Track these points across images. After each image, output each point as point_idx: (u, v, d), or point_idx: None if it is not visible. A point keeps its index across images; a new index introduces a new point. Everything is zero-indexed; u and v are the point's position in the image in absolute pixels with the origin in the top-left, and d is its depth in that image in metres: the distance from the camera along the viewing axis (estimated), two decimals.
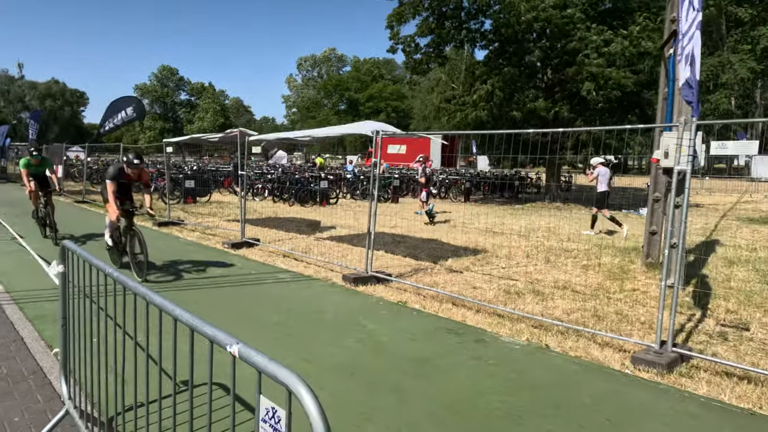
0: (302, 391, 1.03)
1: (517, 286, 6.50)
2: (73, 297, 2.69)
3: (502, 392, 3.51)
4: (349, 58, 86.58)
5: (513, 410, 3.24)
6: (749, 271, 7.71)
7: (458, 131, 20.16)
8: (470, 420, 3.11)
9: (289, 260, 7.94)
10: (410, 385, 3.59)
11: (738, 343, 4.56)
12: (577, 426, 3.06)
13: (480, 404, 3.32)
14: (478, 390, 3.55)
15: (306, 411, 1.03)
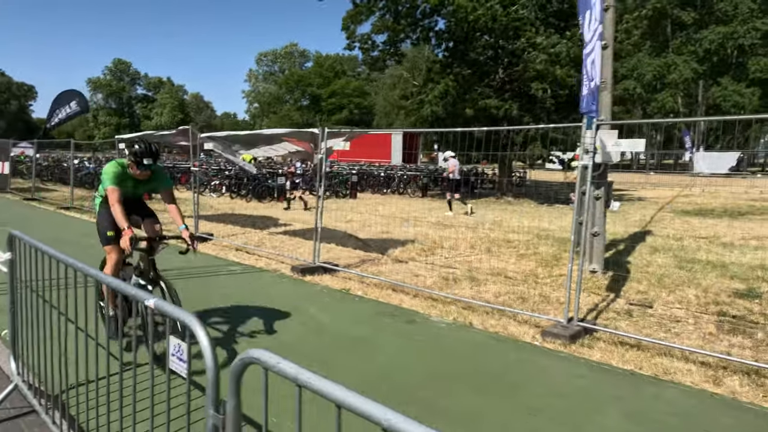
0: (197, 328, 1.39)
1: (456, 273, 6.98)
2: (22, 282, 2.93)
3: (425, 363, 3.94)
4: (312, 54, 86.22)
5: (433, 378, 3.66)
6: (668, 257, 8.45)
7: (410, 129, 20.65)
8: (394, 386, 3.51)
9: (241, 254, 8.19)
10: (342, 359, 3.97)
11: (640, 319, 5.15)
12: (486, 389, 3.50)
13: (404, 373, 3.73)
14: (404, 362, 3.96)
15: (199, 341, 1.38)
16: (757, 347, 4.37)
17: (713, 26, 40.92)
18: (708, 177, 31.61)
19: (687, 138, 38.60)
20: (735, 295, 6.01)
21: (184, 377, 1.49)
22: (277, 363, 1.13)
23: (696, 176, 31.35)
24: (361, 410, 0.96)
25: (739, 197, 22.28)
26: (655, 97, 40.98)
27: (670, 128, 44.19)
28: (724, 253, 8.97)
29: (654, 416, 3.16)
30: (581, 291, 5.97)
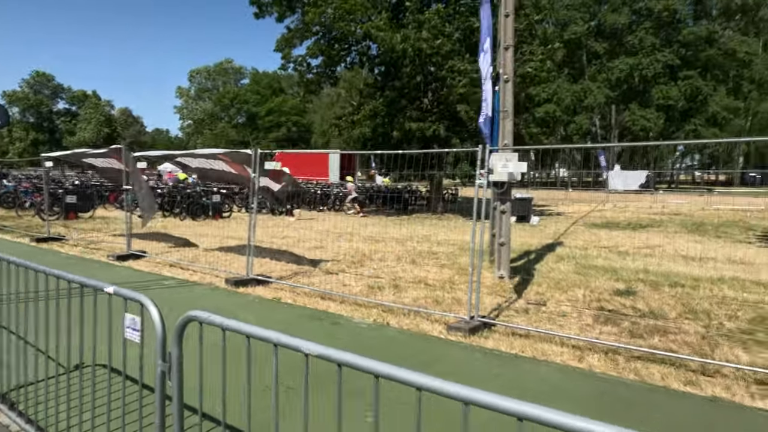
0: (149, 304, 1.90)
1: (381, 282, 7.62)
2: None
3: None
4: (248, 71, 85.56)
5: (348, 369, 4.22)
6: (570, 264, 9.54)
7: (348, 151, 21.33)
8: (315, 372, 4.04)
9: (175, 269, 8.43)
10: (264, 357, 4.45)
11: (534, 315, 5.99)
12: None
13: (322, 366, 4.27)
14: None
15: (151, 316, 1.89)
16: (621, 333, 5.29)
17: (623, 57, 45.05)
18: (621, 193, 34.61)
19: (602, 158, 41.96)
20: (615, 294, 7.04)
21: (137, 341, 1.98)
22: (209, 316, 1.68)
23: (610, 193, 34.19)
24: (286, 342, 1.53)
25: (643, 211, 24.66)
26: (573, 119, 44.35)
27: (590, 149, 47.84)
28: (618, 260, 10.20)
29: (526, 386, 3.90)
30: (491, 294, 6.82)
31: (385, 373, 1.39)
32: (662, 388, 3.93)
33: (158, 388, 1.85)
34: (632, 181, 40.40)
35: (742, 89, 46.79)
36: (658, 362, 4.46)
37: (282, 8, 19.70)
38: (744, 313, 6.11)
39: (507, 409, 1.22)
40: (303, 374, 1.75)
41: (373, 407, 1.56)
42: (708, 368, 4.33)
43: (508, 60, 7.72)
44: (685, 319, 5.86)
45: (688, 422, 3.45)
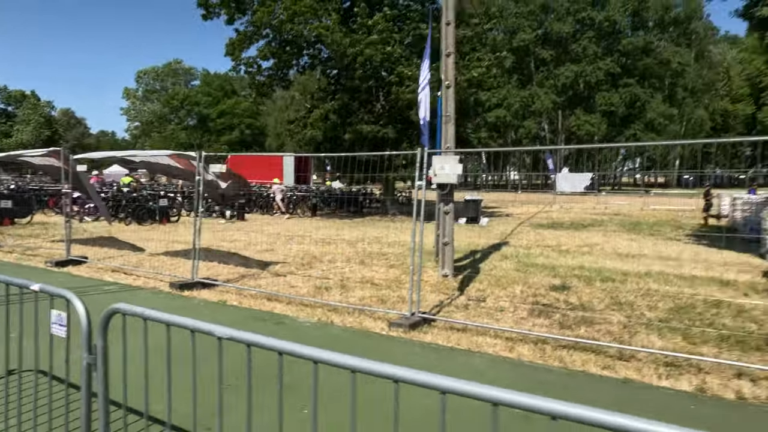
0: (74, 299, 1.97)
1: (329, 283, 7.74)
2: None
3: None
4: (199, 72, 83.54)
5: (293, 362, 4.32)
6: (512, 263, 9.95)
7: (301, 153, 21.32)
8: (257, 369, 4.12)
9: (118, 274, 8.24)
10: (206, 356, 4.49)
11: (473, 310, 6.26)
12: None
13: (261, 364, 4.36)
14: (264, 355, 4.58)
15: (76, 310, 1.96)
16: (551, 325, 5.63)
17: (568, 64, 47.02)
18: (569, 195, 36.05)
19: (549, 161, 43.62)
20: (551, 289, 7.44)
21: (64, 336, 2.04)
22: (132, 308, 1.77)
23: (557, 195, 35.56)
24: (206, 329, 1.64)
25: (587, 212, 25.83)
26: (523, 124, 45.90)
27: (538, 152, 49.59)
28: (558, 258, 10.72)
29: (458, 375, 4.12)
30: (434, 292, 7.06)
31: (288, 350, 1.54)
32: (581, 373, 4.26)
33: (84, 381, 1.92)
34: (578, 184, 42.32)
35: (677, 96, 49.80)
36: (581, 350, 4.79)
37: (231, 10, 19.47)
38: (664, 304, 6.61)
39: (433, 384, 1.40)
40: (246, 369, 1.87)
41: (278, 383, 1.70)
42: (625, 354, 4.70)
43: (449, 66, 8.03)
44: (611, 311, 6.29)
45: (600, 402, 3.76)
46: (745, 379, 4.14)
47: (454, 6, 7.94)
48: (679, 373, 4.22)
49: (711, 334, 5.29)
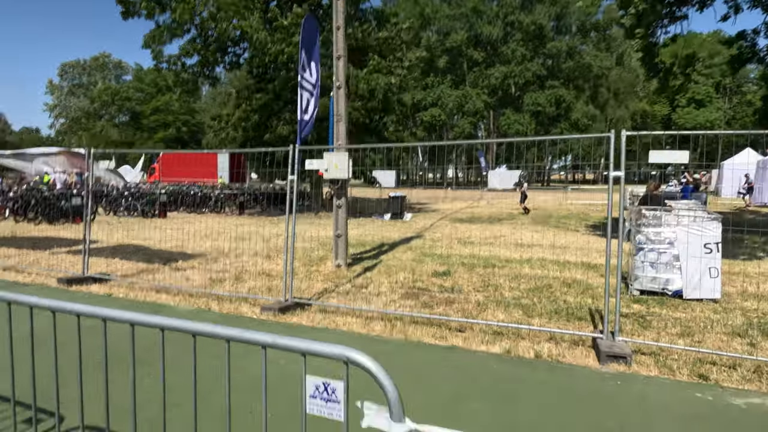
0: None
1: (225, 276, 8.04)
2: None
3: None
4: (131, 66, 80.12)
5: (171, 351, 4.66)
6: (414, 254, 10.59)
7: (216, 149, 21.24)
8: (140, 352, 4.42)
9: (9, 272, 8.17)
10: (90, 344, 4.74)
11: (352, 295, 6.78)
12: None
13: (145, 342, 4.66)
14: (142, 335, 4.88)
15: None
16: (416, 305, 6.23)
17: (498, 65, 48.96)
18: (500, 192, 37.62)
19: (482, 159, 45.38)
20: (433, 275, 8.10)
21: None
22: None
23: (485, 191, 37.11)
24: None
25: (508, 207, 27.22)
26: (457, 123, 47.44)
27: (472, 150, 51.40)
28: (459, 248, 11.48)
29: None
30: (324, 280, 7.53)
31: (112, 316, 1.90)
32: (416, 343, 4.85)
33: None
34: (508, 180, 44.36)
35: (599, 98, 53.03)
36: (428, 325, 5.40)
37: (150, 5, 19.11)
38: (525, 285, 7.40)
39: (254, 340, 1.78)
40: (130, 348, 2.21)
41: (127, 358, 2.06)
42: (464, 326, 5.34)
43: (340, 69, 8.51)
44: (477, 292, 6.99)
45: (411, 363, 4.34)
46: (552, 342, 4.86)
47: (343, 11, 8.42)
48: (500, 340, 4.89)
49: (548, 308, 6.06)
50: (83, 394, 2.18)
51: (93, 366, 2.25)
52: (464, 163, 55.24)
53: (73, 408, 2.17)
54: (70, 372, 2.13)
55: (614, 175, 4.61)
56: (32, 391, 2.26)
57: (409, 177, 48.94)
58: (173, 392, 2.20)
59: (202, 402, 2.04)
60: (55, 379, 2.26)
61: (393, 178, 20.01)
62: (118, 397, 2.42)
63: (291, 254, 6.29)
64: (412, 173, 56.40)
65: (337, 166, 7.90)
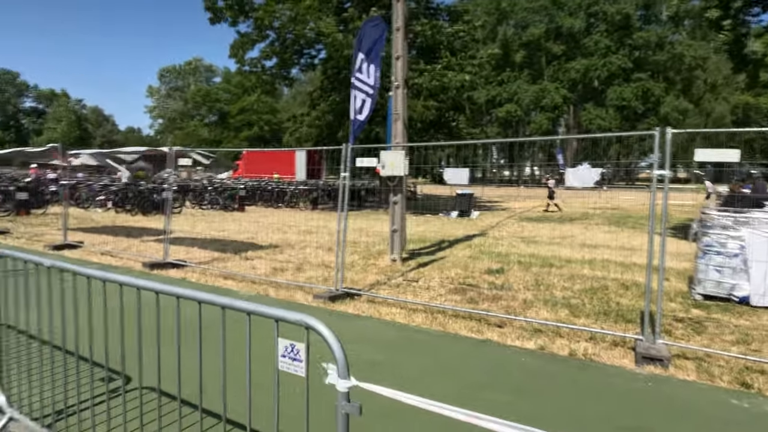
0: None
1: (287, 266, 8.59)
2: None
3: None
4: (220, 69, 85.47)
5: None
6: (472, 251, 10.64)
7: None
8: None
9: (105, 257, 9.27)
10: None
11: (401, 288, 7.03)
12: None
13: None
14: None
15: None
16: (461, 300, 6.36)
17: (579, 58, 46.84)
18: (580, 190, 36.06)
19: (560, 156, 43.70)
20: (486, 272, 8.14)
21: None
22: (13, 252, 2.62)
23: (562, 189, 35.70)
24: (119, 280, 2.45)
25: (584, 207, 26.14)
26: (533, 119, 46.03)
27: (550, 147, 49.61)
28: (520, 247, 11.36)
29: (346, 335, 4.92)
30: (378, 273, 7.85)
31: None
32: (451, 335, 5.00)
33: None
34: (587, 179, 42.34)
35: (693, 91, 49.09)
36: (469, 319, 5.53)
37: (234, 12, 20.46)
38: (579, 286, 7.25)
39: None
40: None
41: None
42: (504, 322, 5.41)
43: (399, 69, 8.76)
44: (526, 290, 6.97)
45: (445, 353, 4.51)
46: (591, 342, 4.82)
47: (403, 13, 8.66)
48: (536, 337, 4.93)
49: (596, 309, 5.95)
50: (159, 361, 2.56)
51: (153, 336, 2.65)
52: (541, 160, 53.45)
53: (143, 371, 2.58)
54: (144, 340, 2.54)
55: (658, 173, 4.47)
56: (104, 354, 2.72)
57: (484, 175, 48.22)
58: (210, 363, 2.55)
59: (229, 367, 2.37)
60: (137, 346, 2.68)
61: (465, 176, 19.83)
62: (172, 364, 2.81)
63: (343, 247, 6.65)
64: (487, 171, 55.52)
65: (393, 164, 8.17)
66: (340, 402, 1.60)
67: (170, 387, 2.53)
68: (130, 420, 2.63)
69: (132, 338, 2.42)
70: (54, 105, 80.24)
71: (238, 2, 20.19)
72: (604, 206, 27.11)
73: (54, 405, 2.98)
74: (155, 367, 2.47)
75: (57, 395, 2.93)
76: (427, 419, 1.81)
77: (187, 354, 2.37)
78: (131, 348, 2.42)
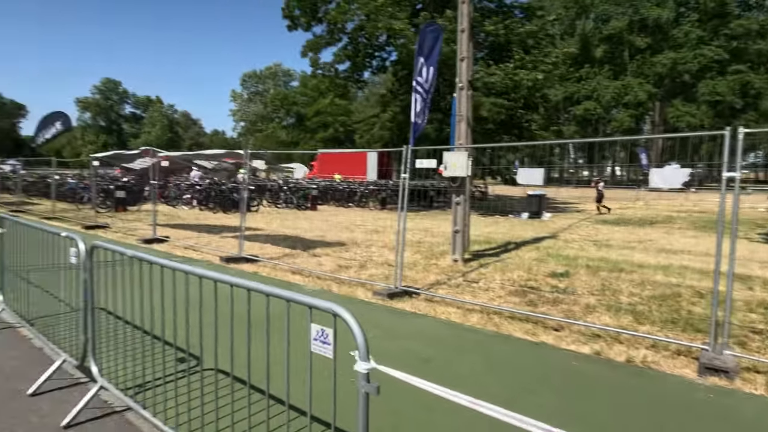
0: (78, 240, 3.30)
1: (352, 263, 8.91)
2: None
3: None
4: (297, 73, 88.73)
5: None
6: (539, 253, 10.43)
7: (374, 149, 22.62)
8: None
9: (188, 251, 10.08)
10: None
11: (461, 288, 7.09)
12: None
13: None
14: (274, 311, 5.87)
15: (78, 247, 3.29)
16: (520, 302, 6.32)
17: (666, 51, 43.83)
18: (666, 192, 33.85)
19: (643, 155, 41.12)
20: (549, 275, 7.99)
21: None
22: (106, 244, 3.04)
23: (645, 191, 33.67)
24: (171, 265, 2.86)
25: (668, 209, 24.53)
26: (614, 116, 43.66)
27: (632, 146, 46.84)
28: (591, 250, 10.99)
29: (401, 331, 5.10)
30: (439, 273, 7.97)
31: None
32: (505, 335, 5.02)
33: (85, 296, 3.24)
34: (673, 180, 39.51)
35: None
36: (526, 321, 5.50)
37: (308, 18, 21.30)
38: (649, 292, 6.94)
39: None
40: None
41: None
42: (562, 325, 5.34)
43: (463, 70, 8.79)
44: (590, 295, 6.78)
45: (501, 354, 4.54)
46: (652, 350, 4.66)
47: (468, 15, 8.68)
48: (593, 342, 4.83)
49: (664, 316, 5.70)
50: (232, 347, 2.87)
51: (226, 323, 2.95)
52: (622, 160, 50.58)
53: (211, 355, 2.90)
54: (209, 327, 2.84)
55: (727, 176, 4.25)
56: (185, 338, 3.08)
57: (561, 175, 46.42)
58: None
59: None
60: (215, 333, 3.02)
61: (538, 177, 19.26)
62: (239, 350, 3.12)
63: (402, 246, 6.83)
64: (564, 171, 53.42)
65: (455, 165, 8.23)
66: (360, 382, 1.77)
67: (237, 371, 2.80)
68: (196, 398, 2.96)
69: (206, 325, 2.72)
70: (149, 110, 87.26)
71: (312, 8, 20.99)
72: (690, 209, 25.34)
73: (135, 379, 3.40)
74: (223, 350, 2.75)
75: (137, 371, 3.35)
76: (449, 407, 1.93)
77: (239, 338, 2.63)
78: (207, 334, 2.72)
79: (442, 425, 3.17)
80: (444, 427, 3.14)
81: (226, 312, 2.56)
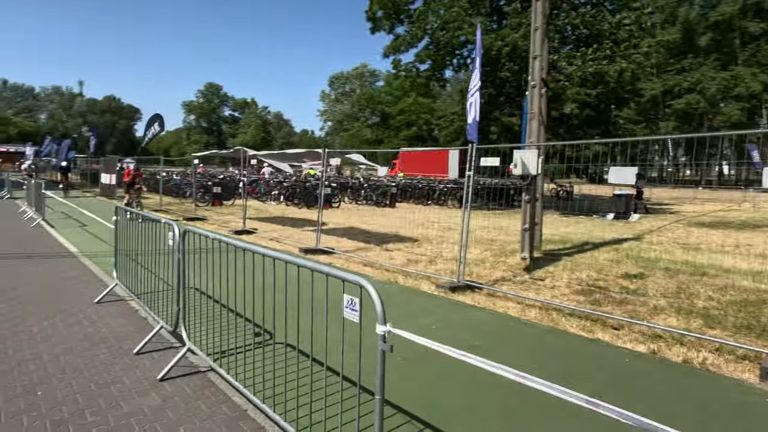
0: (174, 226, 3.94)
1: (422, 258, 9.23)
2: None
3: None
4: (382, 73, 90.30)
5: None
6: (617, 255, 10.09)
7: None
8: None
9: (272, 242, 10.95)
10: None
11: (525, 285, 7.16)
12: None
13: None
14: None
15: (174, 232, 3.93)
16: (584, 301, 6.30)
17: None
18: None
19: (755, 153, 37.25)
20: (621, 276, 7.79)
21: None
22: (195, 229, 3.63)
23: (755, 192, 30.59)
24: (251, 248, 3.42)
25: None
26: (721, 110, 39.96)
27: (742, 143, 42.62)
28: (677, 253, 10.45)
29: (455, 320, 5.35)
30: (507, 270, 8.09)
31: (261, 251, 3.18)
32: (560, 331, 5.09)
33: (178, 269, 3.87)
34: None
35: None
36: (584, 319, 5.52)
37: (391, 21, 21.85)
38: (730, 298, 6.59)
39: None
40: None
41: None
42: (622, 324, 5.30)
43: (536, 68, 8.78)
44: (663, 297, 6.57)
45: (551, 347, 4.64)
46: (716, 353, 4.53)
47: (542, 12, 8.64)
48: (653, 342, 4.77)
49: (739, 322, 5.44)
50: (299, 324, 3.37)
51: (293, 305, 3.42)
52: (732, 158, 46.08)
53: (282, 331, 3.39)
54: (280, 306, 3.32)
55: None
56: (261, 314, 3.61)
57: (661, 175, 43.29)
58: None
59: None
60: (286, 312, 3.53)
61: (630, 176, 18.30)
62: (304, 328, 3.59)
63: (465, 242, 7.04)
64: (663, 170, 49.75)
65: (526, 163, 8.26)
66: (378, 342, 2.11)
67: (302, 345, 3.25)
68: (268, 365, 3.45)
69: (279, 304, 3.19)
70: (246, 112, 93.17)
71: (395, 11, 21.51)
72: None
73: (216, 347, 3.99)
74: (292, 327, 3.21)
75: (218, 340, 3.94)
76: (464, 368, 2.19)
77: (304, 318, 3.05)
78: (278, 312, 3.19)
79: (452, 387, 3.41)
80: (453, 386, 3.39)
81: (293, 294, 3.00)
